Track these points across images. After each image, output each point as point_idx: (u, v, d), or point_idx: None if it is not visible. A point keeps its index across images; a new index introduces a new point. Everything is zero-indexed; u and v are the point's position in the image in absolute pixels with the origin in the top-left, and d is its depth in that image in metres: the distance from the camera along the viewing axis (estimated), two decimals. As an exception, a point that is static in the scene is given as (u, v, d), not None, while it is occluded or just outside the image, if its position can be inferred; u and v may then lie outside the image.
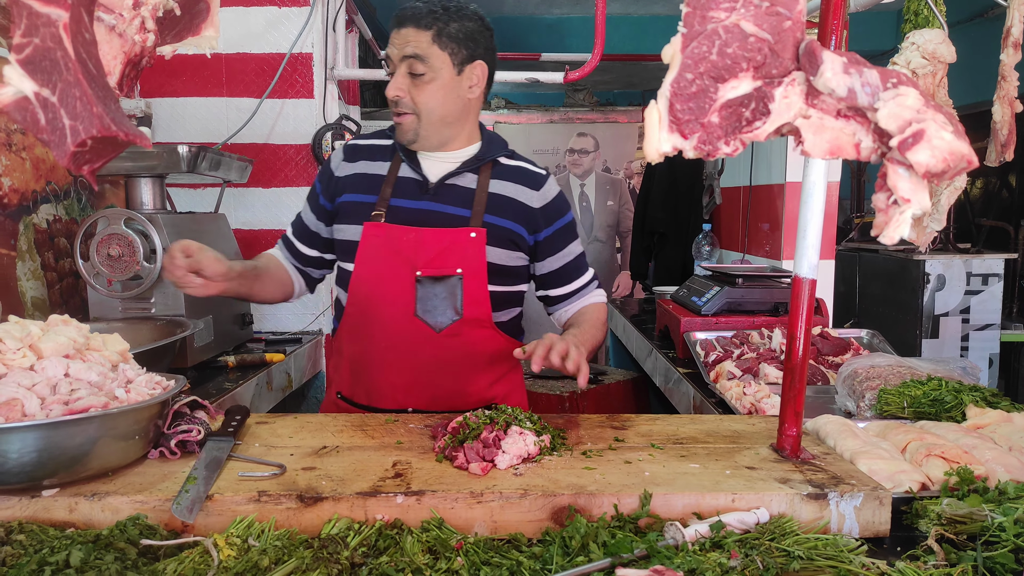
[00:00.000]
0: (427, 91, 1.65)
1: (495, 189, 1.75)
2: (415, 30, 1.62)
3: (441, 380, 1.72)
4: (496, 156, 1.78)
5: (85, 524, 1.08)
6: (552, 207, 1.80)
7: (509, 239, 1.74)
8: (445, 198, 1.72)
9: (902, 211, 0.71)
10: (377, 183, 1.74)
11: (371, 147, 1.81)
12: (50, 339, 1.23)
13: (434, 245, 1.68)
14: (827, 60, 0.72)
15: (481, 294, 1.70)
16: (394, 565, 0.97)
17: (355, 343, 1.77)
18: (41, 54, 0.66)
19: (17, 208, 2.26)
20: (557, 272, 1.85)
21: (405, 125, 1.68)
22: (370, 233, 1.70)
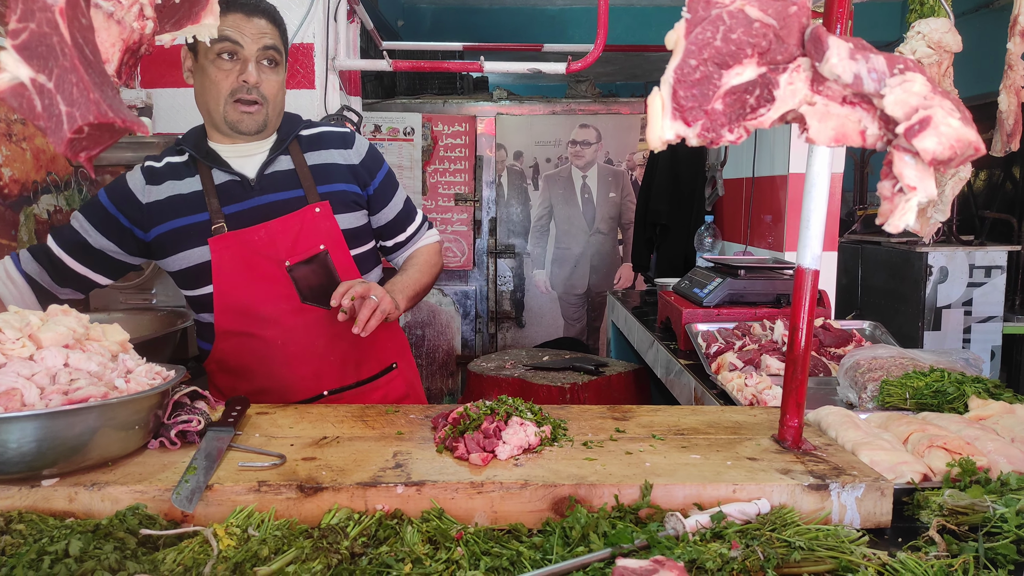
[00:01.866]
0: (275, 82, 1.68)
1: (313, 160, 1.76)
2: (269, 23, 1.65)
3: (344, 354, 1.76)
4: (298, 131, 1.78)
5: (85, 514, 1.08)
6: (369, 159, 1.84)
7: (351, 201, 1.77)
8: (272, 187, 1.72)
9: (908, 199, 0.70)
10: (198, 200, 1.69)
11: (170, 166, 1.74)
12: (49, 329, 1.22)
13: (288, 232, 1.68)
14: (833, 46, 0.71)
15: (348, 261, 1.75)
16: (394, 555, 0.97)
17: (247, 355, 1.73)
18: (37, 40, 0.65)
19: (18, 198, 2.25)
20: (391, 223, 1.89)
21: (256, 116, 1.67)
22: (219, 247, 1.67)
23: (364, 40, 3.65)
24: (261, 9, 1.64)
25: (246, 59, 1.62)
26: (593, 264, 5.87)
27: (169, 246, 1.70)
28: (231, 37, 1.60)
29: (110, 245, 1.73)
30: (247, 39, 1.61)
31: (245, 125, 1.67)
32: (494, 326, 5.89)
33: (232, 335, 1.73)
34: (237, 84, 1.63)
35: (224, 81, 1.62)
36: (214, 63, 1.62)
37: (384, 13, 5.70)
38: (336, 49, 3.04)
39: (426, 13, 6.67)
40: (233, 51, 1.61)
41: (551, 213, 5.86)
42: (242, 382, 1.77)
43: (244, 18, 1.61)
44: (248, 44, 1.61)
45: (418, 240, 1.96)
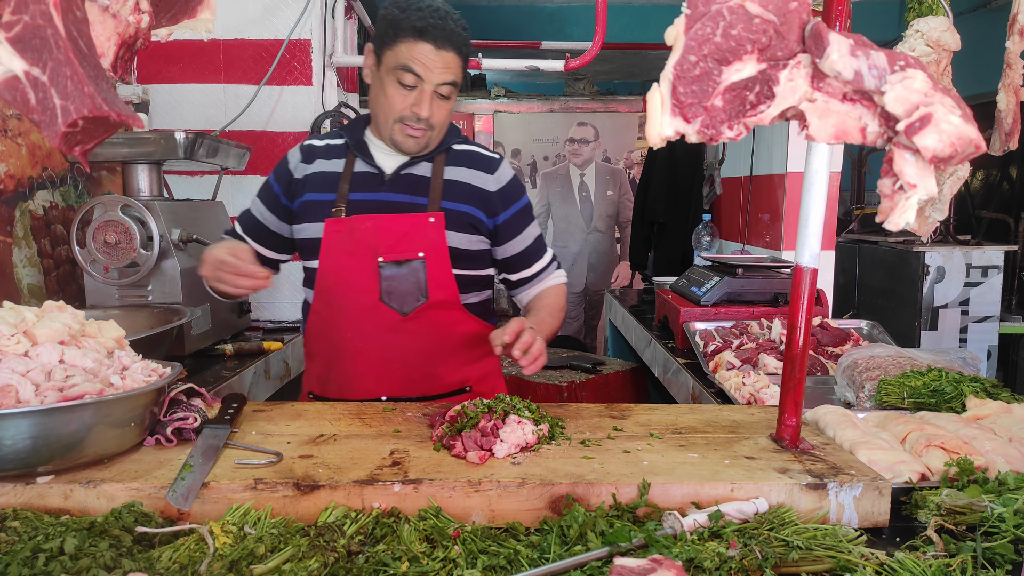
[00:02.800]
0: (446, 110, 1.69)
1: (450, 176, 1.76)
2: (455, 56, 1.62)
3: (411, 365, 1.74)
4: (449, 144, 1.79)
5: (80, 511, 1.07)
6: (508, 190, 1.82)
7: (469, 223, 1.75)
8: (401, 188, 1.74)
9: (908, 197, 0.70)
10: (334, 180, 1.75)
11: (327, 147, 1.81)
12: (45, 325, 1.22)
13: (393, 231, 1.69)
14: (834, 42, 0.71)
15: (446, 277, 1.72)
16: (391, 553, 0.96)
17: (323, 339, 1.78)
18: (31, 32, 0.64)
19: (13, 194, 2.24)
20: (517, 256, 1.87)
21: (420, 140, 1.69)
22: (332, 229, 1.70)
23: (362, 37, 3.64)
24: (451, 41, 1.61)
25: (423, 92, 1.62)
26: (591, 262, 5.87)
27: (300, 215, 1.77)
28: (415, 70, 1.59)
29: (280, 224, 1.82)
30: (430, 74, 1.60)
31: (407, 147, 1.70)
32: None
33: (318, 315, 1.77)
34: (408, 112, 1.64)
35: (398, 104, 1.63)
36: (393, 84, 1.63)
37: (382, 10, 5.69)
38: (333, 46, 3.03)
39: (424, 10, 6.64)
40: (414, 83, 1.61)
41: (549, 211, 5.86)
42: (318, 366, 1.83)
43: (433, 51, 1.59)
44: (429, 79, 1.61)
45: (544, 279, 1.92)
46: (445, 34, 1.59)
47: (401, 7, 1.60)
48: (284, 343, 2.51)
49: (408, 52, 1.58)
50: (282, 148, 3.02)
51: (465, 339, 1.78)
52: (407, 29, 1.58)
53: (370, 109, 1.74)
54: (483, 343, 1.78)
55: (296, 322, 2.97)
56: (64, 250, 2.47)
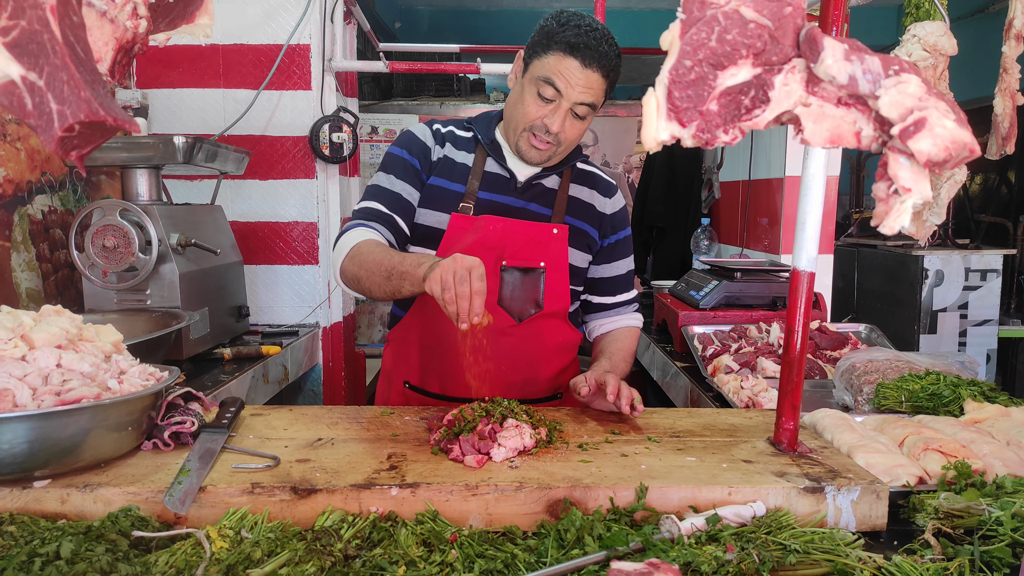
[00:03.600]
0: (579, 129, 1.66)
1: (574, 192, 1.79)
2: (600, 77, 1.57)
3: (516, 369, 1.75)
4: (574, 162, 1.81)
5: (77, 516, 1.07)
6: (619, 216, 1.86)
7: (585, 242, 1.78)
8: (530, 196, 1.75)
9: (903, 201, 0.70)
10: (463, 173, 1.74)
11: (454, 135, 1.80)
12: (42, 329, 1.22)
13: (520, 237, 1.70)
14: (828, 47, 0.71)
15: (562, 289, 1.74)
16: (388, 557, 0.96)
17: (430, 331, 1.76)
18: (28, 37, 0.64)
19: (12, 199, 2.24)
20: (608, 280, 1.89)
21: (544, 153, 1.67)
22: (458, 224, 1.70)
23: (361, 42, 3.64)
24: (600, 63, 1.56)
25: (560, 107, 1.59)
26: (590, 266, 5.86)
27: (428, 199, 1.74)
28: (556, 84, 1.56)
29: (415, 194, 1.75)
30: (571, 90, 1.56)
31: (530, 156, 1.69)
32: (491, 328, 5.87)
33: (430, 307, 1.72)
34: (540, 123, 1.62)
35: (532, 113, 1.61)
36: (531, 92, 1.61)
37: (381, 15, 5.70)
38: (333, 50, 3.04)
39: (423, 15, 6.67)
40: (553, 97, 1.59)
41: (548, 215, 5.86)
42: (417, 356, 1.79)
43: (579, 68, 1.55)
44: (569, 95, 1.57)
45: (623, 314, 1.92)
46: (595, 54, 1.54)
47: (560, 21, 1.58)
48: (283, 347, 2.50)
49: (555, 65, 1.56)
50: (281, 153, 3.02)
51: (561, 346, 1.82)
52: (559, 43, 1.55)
53: (505, 113, 1.74)
54: (574, 348, 1.86)
55: (294, 326, 2.97)
56: (63, 254, 2.47)
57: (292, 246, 3.05)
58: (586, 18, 1.58)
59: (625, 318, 1.92)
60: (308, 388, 3.11)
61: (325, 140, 2.97)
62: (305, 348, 2.87)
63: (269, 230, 3.04)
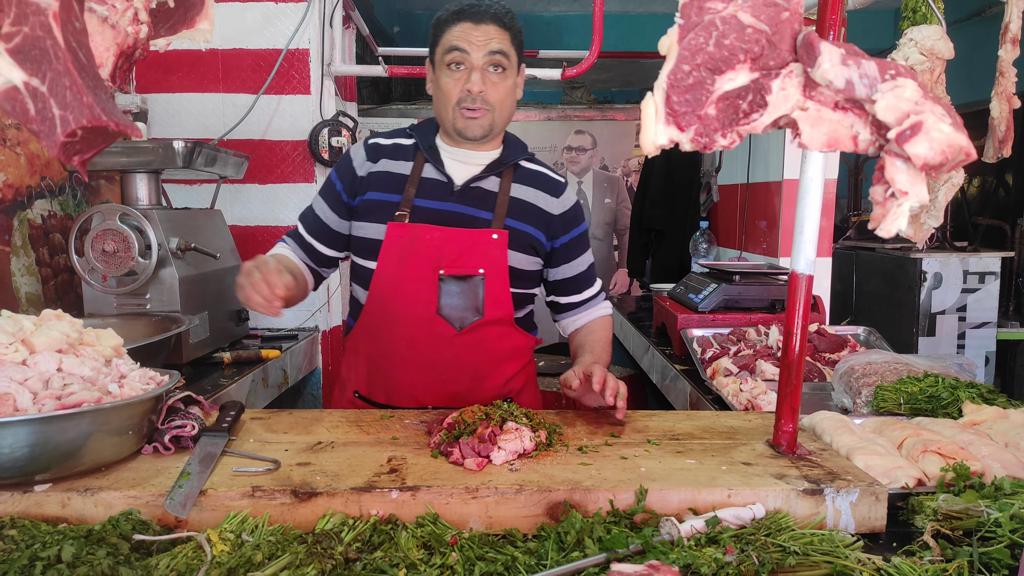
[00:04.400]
0: (504, 89, 1.69)
1: (516, 194, 1.77)
2: (497, 28, 1.65)
3: (460, 377, 1.74)
4: (518, 160, 1.79)
5: (78, 519, 1.07)
6: (570, 215, 1.83)
7: (529, 244, 1.76)
8: (469, 200, 1.74)
9: (899, 204, 0.71)
10: (400, 182, 1.75)
11: (393, 146, 1.80)
12: (43, 334, 1.22)
13: (457, 245, 1.69)
14: (825, 51, 0.72)
15: (503, 295, 1.73)
16: (388, 560, 0.96)
17: (374, 341, 1.77)
18: (31, 43, 0.65)
19: (11, 203, 2.25)
20: (569, 280, 1.88)
21: (481, 121, 1.69)
22: (394, 233, 1.70)
23: (360, 46, 3.65)
24: (490, 15, 1.65)
25: (472, 67, 1.64)
26: (589, 270, 5.87)
27: (361, 213, 1.77)
28: (458, 46, 1.63)
29: (341, 222, 1.81)
30: (474, 47, 1.63)
31: (471, 131, 1.70)
32: (490, 332, 5.87)
33: (371, 317, 1.76)
34: (463, 93, 1.65)
35: (453, 89, 1.66)
36: (444, 72, 1.67)
37: (380, 19, 5.71)
38: (332, 55, 3.05)
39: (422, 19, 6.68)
40: (461, 60, 1.64)
41: (547, 219, 5.86)
42: (365, 367, 1.81)
43: (472, 26, 1.63)
44: (474, 52, 1.63)
45: (592, 308, 1.92)
46: (481, 10, 1.64)
47: (442, 10, 1.68)
48: (282, 351, 2.51)
49: (451, 35, 1.64)
50: (280, 157, 3.03)
51: (510, 352, 1.80)
52: (446, 20, 1.65)
53: (435, 113, 1.76)
54: (524, 353, 1.84)
55: (294, 330, 2.97)
56: (62, 259, 2.48)
57: (291, 250, 3.05)
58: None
59: (595, 310, 1.93)
60: (308, 392, 3.11)
61: (324, 144, 2.97)
62: (304, 352, 2.87)
63: (269, 234, 3.04)
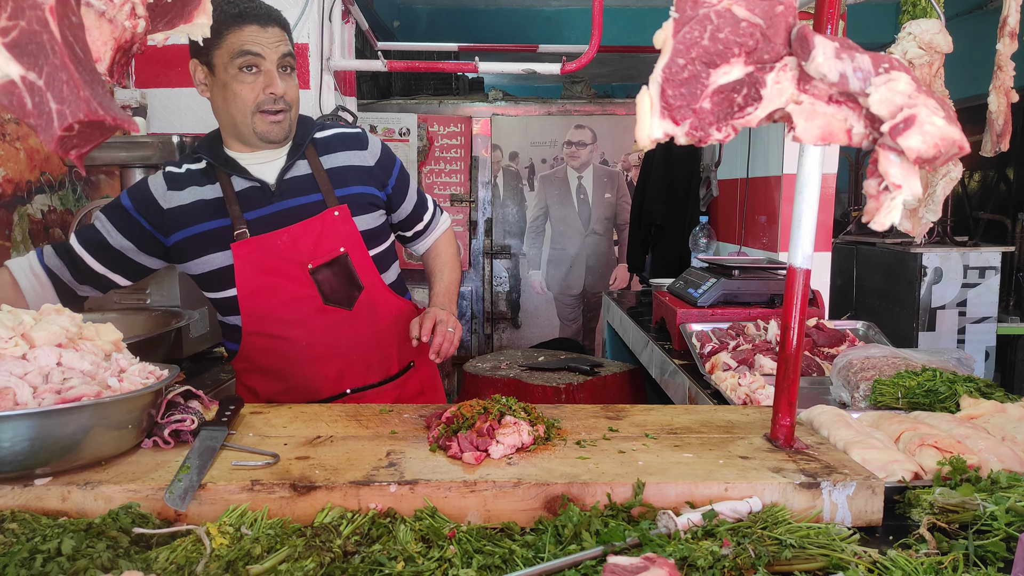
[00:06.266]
0: (294, 87, 1.70)
1: (329, 164, 1.78)
2: (280, 30, 1.64)
3: (367, 353, 1.80)
4: (312, 135, 1.79)
5: (78, 513, 1.08)
6: (384, 159, 1.86)
7: (368, 203, 1.79)
8: (292, 192, 1.73)
9: (893, 197, 0.71)
10: (220, 206, 1.71)
11: (191, 173, 1.74)
12: (42, 328, 1.22)
13: (309, 236, 1.71)
14: (819, 45, 0.72)
15: (367, 263, 1.77)
16: (386, 553, 0.97)
17: (272, 355, 1.77)
18: (27, 37, 0.65)
19: (11, 198, 2.25)
20: (409, 216, 1.94)
21: (283, 124, 1.68)
22: (242, 252, 1.69)
23: (359, 41, 3.65)
24: (273, 18, 1.64)
25: (269, 70, 1.62)
26: (589, 265, 5.88)
27: (191, 251, 1.72)
28: (252, 50, 1.60)
29: (130, 246, 1.73)
30: (267, 50, 1.61)
31: (275, 134, 1.68)
32: (490, 327, 5.89)
33: (258, 336, 1.76)
34: (264, 96, 1.63)
35: (249, 94, 1.62)
36: (236, 77, 1.62)
37: (380, 14, 5.70)
38: (331, 49, 3.05)
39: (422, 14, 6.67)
40: (255, 63, 1.61)
41: (547, 214, 5.87)
42: (269, 381, 1.81)
43: (260, 29, 1.60)
44: (269, 55, 1.61)
45: (434, 227, 2.00)
46: (263, 11, 1.62)
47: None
48: (282, 346, 2.51)
49: (238, 39, 1.59)
50: (280, 152, 3.02)
51: (397, 318, 1.85)
52: (226, 23, 1.58)
53: (220, 120, 1.71)
54: (407, 317, 1.86)
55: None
56: (62, 254, 2.47)
57: (291, 245, 3.05)
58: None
59: (438, 228, 2.01)
60: (308, 387, 3.11)
61: (324, 139, 2.96)
62: (305, 347, 2.87)
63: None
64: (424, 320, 1.70)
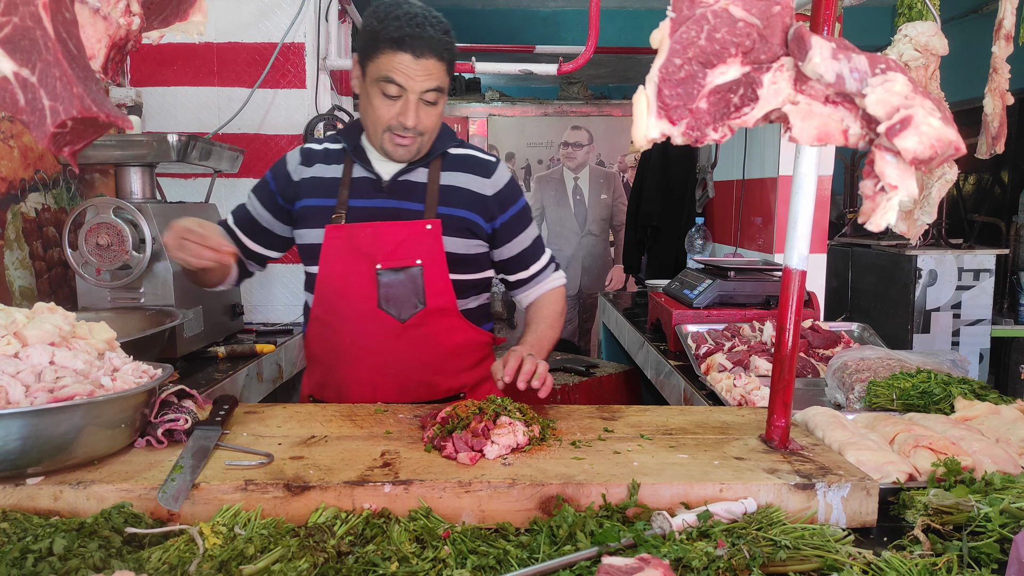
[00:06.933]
0: (434, 115, 1.68)
1: (446, 181, 1.77)
2: (436, 62, 1.60)
3: (408, 371, 1.75)
4: (445, 148, 1.79)
5: (70, 512, 1.07)
6: (505, 193, 1.83)
7: (465, 228, 1.77)
8: (399, 194, 1.75)
9: (889, 198, 0.71)
10: (334, 186, 1.76)
11: (325, 151, 1.82)
12: (35, 327, 1.22)
13: (391, 238, 1.71)
14: (816, 45, 0.72)
15: (443, 284, 1.74)
16: (380, 554, 0.97)
17: (323, 343, 1.80)
18: (20, 33, 0.64)
19: (5, 197, 2.24)
20: (515, 258, 1.89)
21: (410, 148, 1.68)
22: (332, 235, 1.72)
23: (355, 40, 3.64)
24: (432, 49, 1.58)
25: (408, 100, 1.61)
26: (585, 266, 5.88)
27: (300, 220, 1.80)
28: (396, 80, 1.59)
29: (269, 217, 1.84)
30: (412, 83, 1.59)
31: (399, 155, 1.70)
32: (486, 327, 5.88)
33: (318, 320, 1.79)
34: (395, 122, 1.63)
35: (384, 114, 1.63)
36: (377, 95, 1.62)
37: (377, 14, 5.70)
38: (327, 49, 3.04)
39: (419, 14, 6.66)
40: (397, 93, 1.61)
41: (543, 214, 5.87)
42: (316, 370, 1.85)
43: (412, 60, 1.57)
44: (412, 87, 1.59)
45: (543, 281, 1.93)
46: (423, 42, 1.57)
47: (379, 17, 1.59)
48: (277, 346, 2.50)
49: (388, 63, 1.58)
50: (276, 151, 3.02)
51: (461, 346, 1.79)
52: (385, 40, 1.57)
53: (361, 119, 1.75)
54: (479, 349, 1.83)
55: (289, 325, 2.96)
56: (56, 252, 2.47)
57: (287, 245, 3.04)
58: (403, 5, 1.59)
59: (546, 283, 1.94)
60: (302, 387, 3.11)
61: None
62: (300, 347, 2.86)
63: (264, 229, 3.03)
64: (509, 359, 1.53)
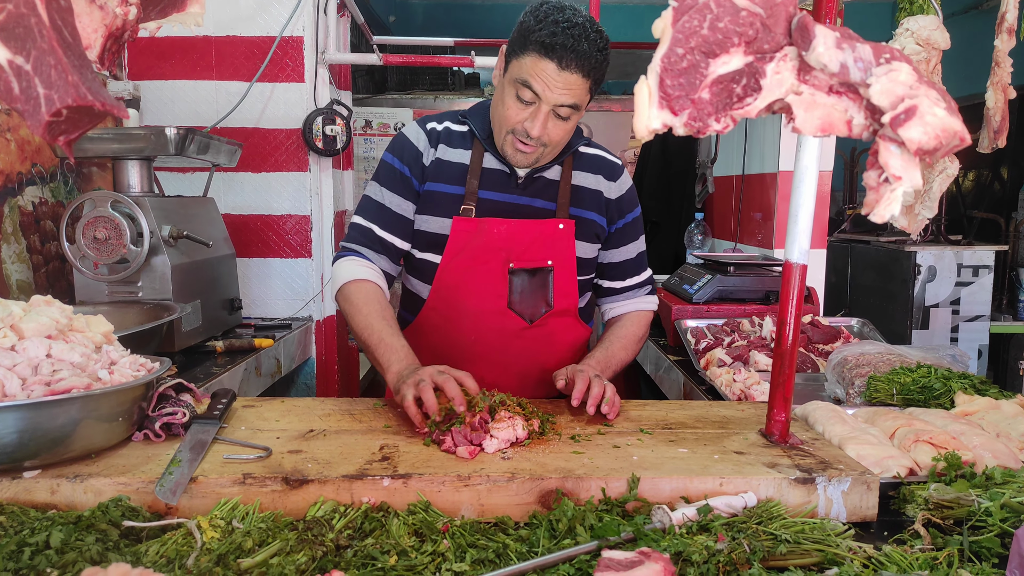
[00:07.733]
0: (563, 129, 1.57)
1: (577, 181, 1.73)
2: (580, 78, 1.49)
3: (528, 370, 1.73)
4: (577, 146, 1.74)
5: (67, 506, 1.07)
6: (627, 199, 1.80)
7: (592, 232, 1.74)
8: (532, 191, 1.70)
9: (893, 189, 0.70)
10: (460, 173, 1.69)
11: (448, 132, 1.72)
12: (32, 319, 1.21)
13: (524, 237, 1.67)
14: (820, 35, 0.71)
15: (571, 286, 1.71)
16: (379, 547, 0.96)
17: (437, 336, 1.73)
18: (14, 21, 0.64)
19: (2, 190, 2.23)
20: (617, 265, 1.84)
21: (529, 156, 1.60)
22: (460, 228, 1.66)
23: (355, 35, 3.63)
24: (579, 63, 1.47)
25: (539, 109, 1.52)
26: (584, 261, 5.86)
27: (425, 205, 1.71)
28: (533, 88, 1.49)
29: (411, 208, 1.72)
30: (549, 94, 1.49)
31: (517, 160, 1.63)
32: (485, 323, 5.87)
33: (436, 312, 1.72)
34: (521, 127, 1.55)
35: (513, 116, 1.55)
36: (511, 94, 1.54)
37: (375, 8, 5.68)
38: (326, 43, 3.03)
39: (418, 8, 6.65)
40: (532, 99, 1.51)
41: (542, 210, 5.85)
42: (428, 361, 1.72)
43: (557, 70, 1.46)
44: (548, 98, 1.50)
45: (633, 299, 1.87)
46: (574, 55, 1.45)
47: (538, 16, 1.48)
48: (275, 340, 2.50)
49: (531, 67, 1.48)
50: (274, 145, 3.01)
51: (571, 344, 1.79)
52: (535, 43, 1.46)
53: (491, 111, 1.67)
54: (582, 346, 1.82)
55: (287, 320, 2.96)
56: (53, 246, 2.46)
57: (285, 239, 3.04)
58: (567, 11, 1.48)
59: (636, 302, 1.87)
60: (301, 381, 3.11)
61: (318, 133, 2.95)
62: (298, 341, 2.86)
63: (262, 223, 3.03)
64: (576, 379, 1.45)
